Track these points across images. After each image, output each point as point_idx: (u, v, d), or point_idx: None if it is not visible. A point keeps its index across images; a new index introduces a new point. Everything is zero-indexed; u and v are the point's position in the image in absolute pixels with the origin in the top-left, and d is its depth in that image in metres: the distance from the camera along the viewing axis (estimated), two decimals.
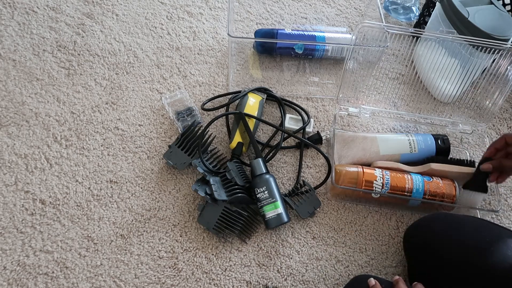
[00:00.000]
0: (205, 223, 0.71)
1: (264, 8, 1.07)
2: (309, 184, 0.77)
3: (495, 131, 0.93)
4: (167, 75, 0.92)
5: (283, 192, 0.78)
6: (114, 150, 0.80)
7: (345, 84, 0.84)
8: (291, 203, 0.75)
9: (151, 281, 0.68)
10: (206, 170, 0.75)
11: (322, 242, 0.75)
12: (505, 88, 0.80)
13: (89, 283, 0.67)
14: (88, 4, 1.00)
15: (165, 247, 0.71)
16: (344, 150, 0.81)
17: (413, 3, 1.09)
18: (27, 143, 0.79)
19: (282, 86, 0.93)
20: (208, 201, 0.71)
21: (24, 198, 0.73)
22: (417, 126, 0.91)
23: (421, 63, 0.88)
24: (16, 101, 0.84)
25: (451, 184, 0.75)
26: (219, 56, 0.96)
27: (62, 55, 0.91)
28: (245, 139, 0.80)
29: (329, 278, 0.72)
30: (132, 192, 0.76)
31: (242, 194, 0.72)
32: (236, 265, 0.71)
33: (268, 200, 0.72)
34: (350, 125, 0.90)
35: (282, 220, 0.71)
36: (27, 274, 0.67)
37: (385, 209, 0.79)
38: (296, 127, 0.86)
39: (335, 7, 1.10)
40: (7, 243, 0.69)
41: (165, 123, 0.85)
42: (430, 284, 0.60)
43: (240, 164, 0.78)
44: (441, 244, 0.62)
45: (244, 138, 0.80)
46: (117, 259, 0.70)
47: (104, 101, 0.86)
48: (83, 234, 0.71)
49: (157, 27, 0.99)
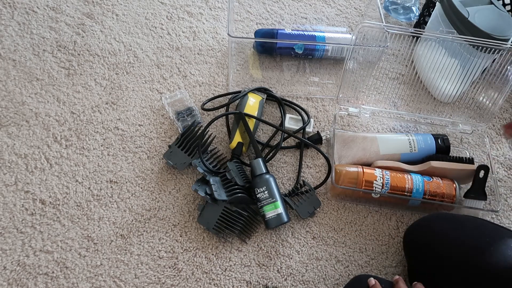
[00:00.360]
0: (205, 223, 0.71)
1: (264, 8, 1.07)
2: (309, 184, 0.77)
3: (495, 131, 0.93)
4: (167, 75, 0.92)
5: (283, 192, 0.78)
6: (114, 150, 0.80)
7: (345, 84, 0.84)
8: (291, 203, 0.75)
9: (151, 281, 0.68)
10: (206, 170, 0.75)
11: (322, 242, 0.75)
12: (505, 88, 0.80)
13: (89, 283, 0.67)
14: (88, 4, 1.00)
15: (165, 247, 0.71)
16: (344, 150, 0.81)
17: (413, 3, 1.09)
18: (27, 143, 0.79)
19: (282, 86, 0.93)
20: (208, 201, 0.71)
21: (24, 198, 0.73)
22: (417, 126, 0.91)
23: (421, 63, 0.88)
24: (16, 101, 0.84)
25: (451, 184, 0.75)
26: (219, 56, 0.96)
27: (62, 55, 0.91)
28: (245, 139, 0.80)
29: (329, 278, 0.72)
30: (132, 192, 0.76)
31: (242, 194, 0.72)
32: (236, 265, 0.71)
33: (268, 200, 0.72)
34: (350, 125, 0.90)
35: (282, 220, 0.71)
36: (27, 274, 0.67)
37: (385, 209, 0.79)
38: (296, 127, 0.86)
39: (335, 7, 1.10)
40: (7, 243, 0.69)
41: (165, 123, 0.85)
42: (430, 284, 0.60)
43: (240, 164, 0.78)
44: (441, 244, 0.62)
45: (244, 138, 0.80)
46: (117, 259, 0.70)
47: (104, 101, 0.86)
48: (83, 234, 0.71)
49: (157, 27, 0.99)
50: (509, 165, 0.88)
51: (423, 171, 0.77)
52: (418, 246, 0.67)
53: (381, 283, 0.58)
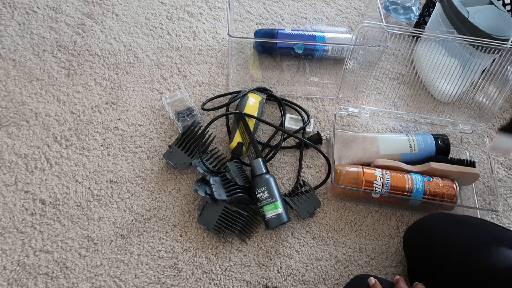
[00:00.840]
0: (205, 223, 0.71)
1: (264, 8, 1.07)
2: (309, 184, 0.77)
3: (495, 131, 0.93)
4: (167, 75, 0.92)
5: (283, 192, 0.78)
6: (114, 150, 0.80)
7: (345, 84, 0.84)
8: (291, 203, 0.75)
9: (151, 281, 0.68)
10: (206, 170, 0.75)
11: (322, 242, 0.75)
12: (505, 88, 0.80)
13: (89, 283, 0.67)
14: (88, 4, 1.00)
15: (165, 247, 0.71)
16: (344, 150, 0.81)
17: (413, 3, 1.09)
18: (27, 143, 0.79)
19: (282, 86, 0.93)
20: (208, 201, 0.71)
21: (24, 198, 0.73)
22: (417, 126, 0.91)
23: (421, 63, 0.88)
24: (16, 101, 0.84)
25: (451, 184, 0.75)
26: (219, 56, 0.96)
27: (62, 55, 0.91)
28: (245, 139, 0.80)
29: (329, 278, 0.72)
30: (132, 192, 0.76)
31: (242, 194, 0.72)
32: (236, 265, 0.71)
33: (268, 200, 0.72)
34: (350, 125, 0.90)
35: (282, 220, 0.71)
36: (27, 274, 0.67)
37: (385, 209, 0.79)
38: (296, 127, 0.86)
39: (335, 7, 1.10)
40: (7, 243, 0.69)
41: (165, 123, 0.85)
42: (430, 284, 0.60)
43: (240, 164, 0.78)
44: (441, 244, 0.62)
45: (244, 138, 0.80)
46: (117, 259, 0.70)
47: (104, 101, 0.86)
48: (83, 234, 0.71)
49: (157, 27, 0.99)
50: (509, 165, 0.88)
51: (422, 172, 0.77)
52: (418, 246, 0.67)
53: (381, 283, 0.58)
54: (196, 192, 0.72)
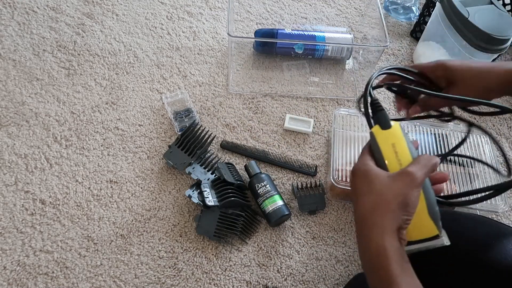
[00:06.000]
0: (205, 232, 0.70)
1: (264, 8, 1.07)
2: (323, 186, 0.78)
3: (495, 131, 0.93)
4: (167, 75, 0.92)
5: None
6: (114, 150, 0.80)
7: (345, 84, 0.84)
8: (296, 191, 0.75)
9: (151, 281, 0.68)
10: (198, 178, 0.75)
11: (322, 242, 0.75)
12: None
13: (89, 283, 0.67)
14: (88, 4, 1.00)
15: (165, 247, 0.71)
16: (344, 150, 0.81)
17: (413, 3, 1.09)
18: (27, 143, 0.79)
19: (282, 86, 0.93)
20: (202, 208, 0.71)
21: (24, 198, 0.73)
22: (417, 126, 0.91)
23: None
24: (16, 101, 0.84)
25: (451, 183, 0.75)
26: (219, 56, 0.96)
27: (62, 55, 0.91)
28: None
29: (329, 278, 0.71)
30: (132, 192, 0.76)
31: (233, 197, 0.72)
32: (236, 265, 0.71)
33: (269, 193, 0.73)
34: (350, 125, 0.90)
35: (283, 212, 0.71)
36: (27, 274, 0.67)
37: None
38: (296, 127, 0.86)
39: (335, 7, 1.10)
40: (7, 243, 0.69)
41: (165, 123, 0.85)
42: (431, 281, 0.60)
43: (233, 165, 0.78)
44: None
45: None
46: (117, 259, 0.69)
47: (104, 101, 0.86)
48: (83, 234, 0.71)
49: (157, 27, 0.99)
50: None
51: None
52: None
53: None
54: (190, 198, 0.71)
